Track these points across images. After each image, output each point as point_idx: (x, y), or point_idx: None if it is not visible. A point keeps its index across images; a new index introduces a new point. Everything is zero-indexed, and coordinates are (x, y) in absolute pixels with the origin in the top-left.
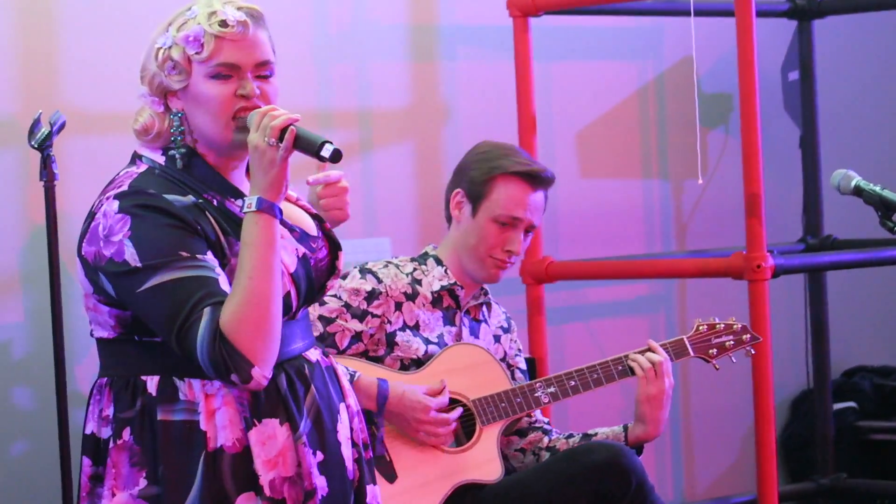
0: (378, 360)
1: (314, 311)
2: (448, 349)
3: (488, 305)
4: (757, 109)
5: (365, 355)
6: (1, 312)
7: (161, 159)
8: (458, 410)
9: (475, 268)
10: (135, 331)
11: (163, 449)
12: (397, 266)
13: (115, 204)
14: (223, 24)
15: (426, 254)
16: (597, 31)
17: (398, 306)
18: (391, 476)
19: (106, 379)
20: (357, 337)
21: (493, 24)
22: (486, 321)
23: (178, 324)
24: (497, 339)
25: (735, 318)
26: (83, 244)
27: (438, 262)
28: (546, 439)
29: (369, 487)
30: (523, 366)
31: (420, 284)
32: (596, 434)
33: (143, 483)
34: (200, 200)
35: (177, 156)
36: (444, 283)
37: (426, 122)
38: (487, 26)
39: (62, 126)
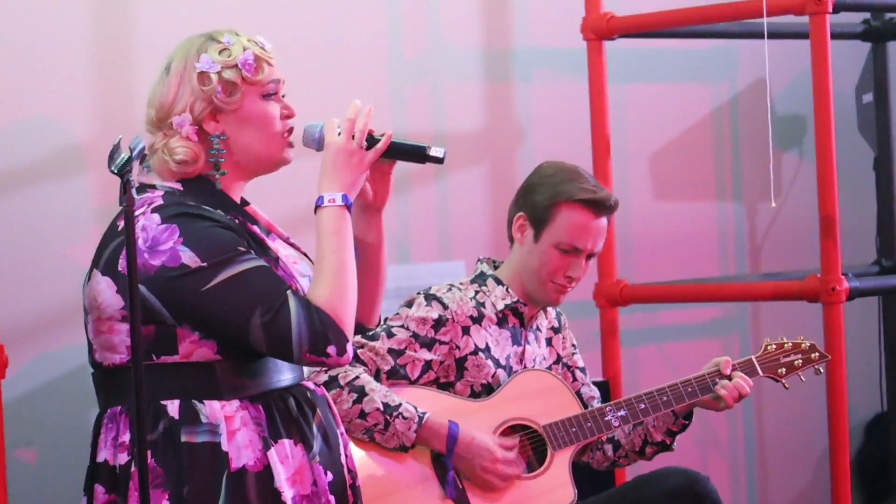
0: (449, 385)
1: (383, 343)
2: (517, 376)
3: (544, 310)
4: (832, 131)
5: (436, 382)
6: (80, 334)
7: (176, 185)
8: (522, 465)
9: (536, 289)
10: (153, 350)
11: (188, 470)
12: (460, 289)
13: (156, 217)
14: (264, 48)
15: (483, 274)
16: (671, 53)
17: (465, 330)
18: (464, 502)
19: (119, 407)
20: (428, 365)
21: (568, 46)
22: (539, 328)
23: (265, 308)
24: (549, 341)
25: (804, 337)
26: (119, 260)
27: (498, 281)
28: None
29: None
30: (581, 363)
31: (484, 306)
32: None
33: None
34: (227, 217)
35: (217, 176)
36: (508, 301)
37: (501, 145)
38: (562, 49)
39: (142, 151)
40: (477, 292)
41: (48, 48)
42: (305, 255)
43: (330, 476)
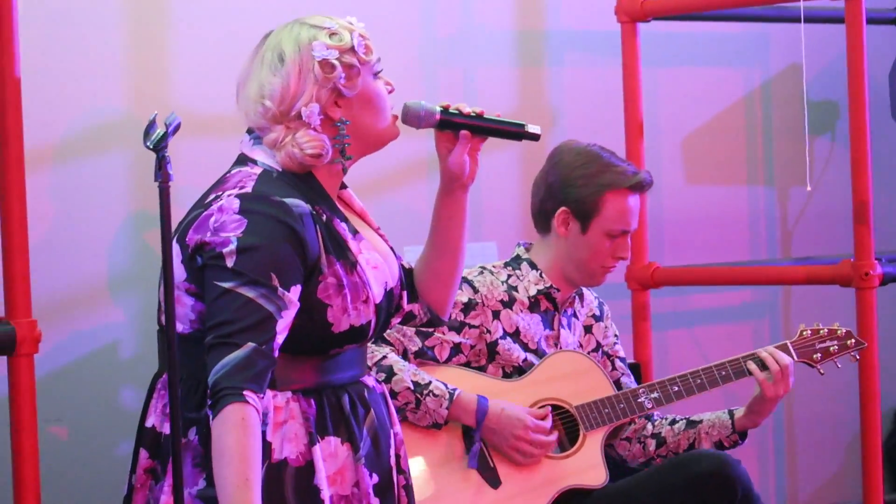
0: (481, 369)
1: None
2: (550, 356)
3: (580, 296)
4: (866, 117)
5: (467, 366)
6: (112, 312)
7: (278, 167)
8: (555, 434)
9: (584, 277)
10: None
11: None
12: (492, 272)
13: (237, 203)
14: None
15: (518, 257)
16: (704, 36)
17: (496, 315)
18: (495, 482)
19: (181, 377)
20: (457, 348)
21: (601, 28)
22: (576, 315)
23: (218, 334)
24: (588, 329)
25: (839, 324)
26: (189, 231)
27: (532, 265)
28: (650, 426)
29: None
30: (622, 353)
31: (517, 290)
32: (701, 421)
33: (202, 484)
34: (313, 210)
35: (344, 163)
36: (541, 286)
37: None
38: (595, 31)
39: (177, 127)
40: (510, 276)
41: (84, 24)
42: (392, 248)
43: (375, 478)
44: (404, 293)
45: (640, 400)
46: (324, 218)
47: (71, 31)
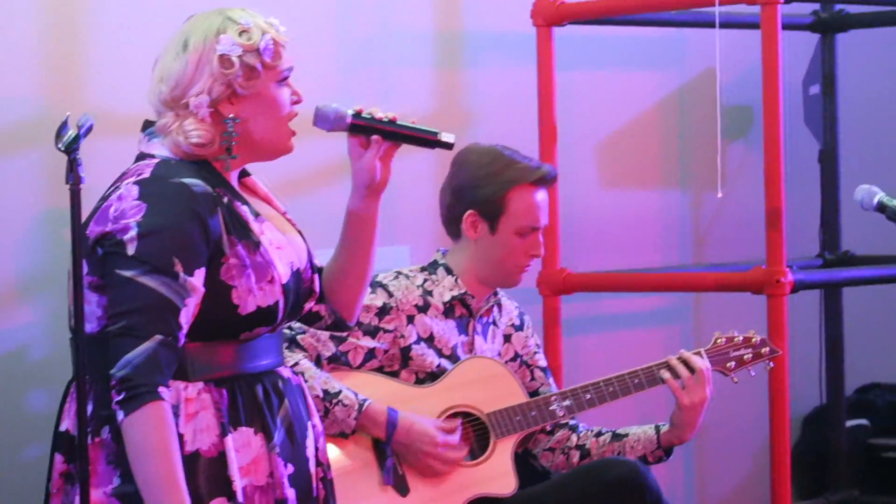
0: (394, 374)
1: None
2: (462, 362)
3: (499, 305)
4: (780, 122)
5: (380, 370)
6: (21, 314)
7: (175, 157)
8: (465, 449)
9: (500, 279)
10: None
11: None
12: (408, 277)
13: (136, 189)
14: (278, 31)
15: (436, 262)
16: (620, 40)
17: (410, 319)
18: (404, 489)
19: (87, 377)
20: (371, 353)
21: (517, 31)
22: (495, 322)
23: (122, 324)
24: (507, 338)
25: (755, 332)
26: (90, 224)
27: (448, 271)
28: (574, 437)
29: None
30: (543, 363)
31: (431, 295)
32: (627, 434)
33: (116, 481)
34: (214, 192)
35: (228, 161)
36: (455, 292)
37: (448, 129)
38: (511, 34)
39: (90, 129)
40: (426, 280)
41: None
42: (300, 232)
43: (291, 468)
44: (315, 277)
45: (552, 408)
46: (224, 200)
47: None
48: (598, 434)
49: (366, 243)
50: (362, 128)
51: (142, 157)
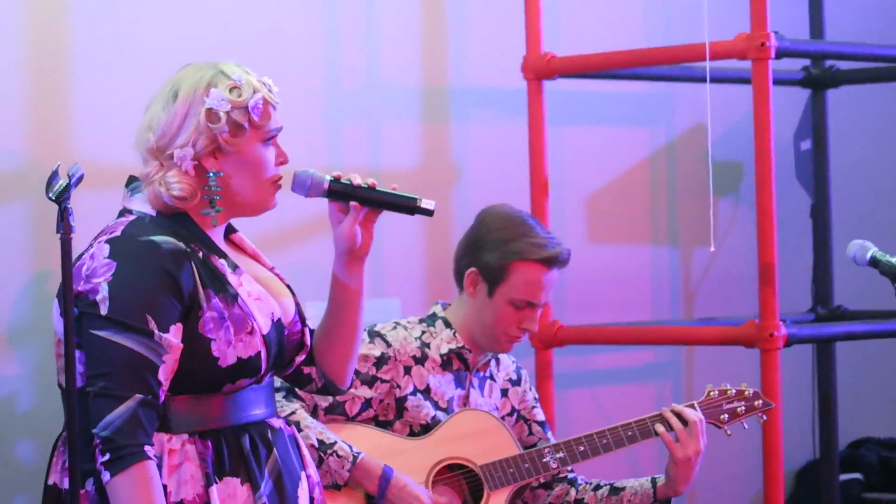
0: (388, 424)
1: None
2: (455, 415)
3: (497, 360)
4: (772, 177)
5: (375, 420)
6: (9, 363)
7: (152, 212)
8: None
9: (488, 342)
10: None
11: None
12: (405, 328)
13: (107, 248)
14: (271, 91)
15: (434, 315)
16: (610, 95)
17: (407, 370)
18: None
19: (78, 431)
20: (367, 404)
21: (507, 86)
22: (492, 377)
23: (100, 385)
24: (504, 392)
25: (747, 385)
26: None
27: (447, 324)
28: (573, 491)
29: None
30: (541, 417)
31: (429, 347)
32: (624, 488)
33: None
34: (188, 249)
35: (213, 214)
36: (453, 346)
37: (437, 184)
38: (500, 88)
39: (80, 178)
40: (423, 332)
41: None
42: (289, 287)
43: None
44: (306, 330)
45: (545, 460)
46: (200, 255)
47: None
48: (597, 487)
49: (352, 307)
50: (340, 194)
51: (123, 212)
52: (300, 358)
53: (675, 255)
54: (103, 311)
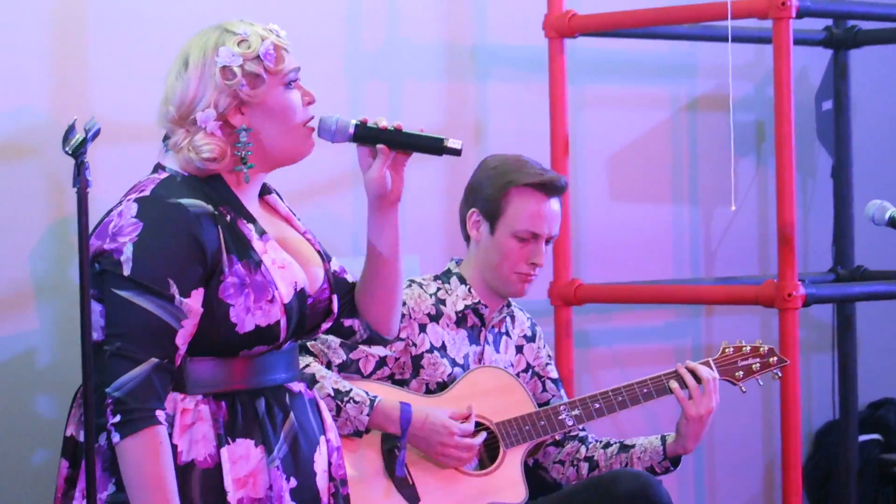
0: (404, 383)
1: (334, 337)
2: (471, 372)
3: (512, 316)
4: (792, 138)
5: (391, 379)
6: (29, 319)
7: (182, 171)
8: (482, 435)
9: (501, 285)
10: None
11: None
12: (421, 286)
13: (135, 208)
14: (279, 36)
15: (449, 271)
16: (632, 54)
17: (422, 328)
18: (414, 498)
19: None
20: (382, 362)
21: (529, 44)
22: (508, 333)
23: (117, 345)
24: (520, 349)
25: (762, 341)
26: (92, 237)
27: (462, 280)
28: (584, 449)
29: None
30: (555, 374)
31: (444, 304)
32: (634, 445)
33: (111, 488)
34: (216, 211)
35: (245, 171)
36: (469, 302)
37: (459, 141)
38: (523, 46)
39: (97, 133)
40: (439, 289)
41: (4, 28)
42: (321, 252)
43: (294, 482)
44: (334, 297)
45: (561, 417)
46: (227, 218)
47: None
48: (607, 445)
49: (389, 255)
50: (366, 137)
51: (156, 167)
52: (326, 325)
53: (696, 215)
54: (126, 271)
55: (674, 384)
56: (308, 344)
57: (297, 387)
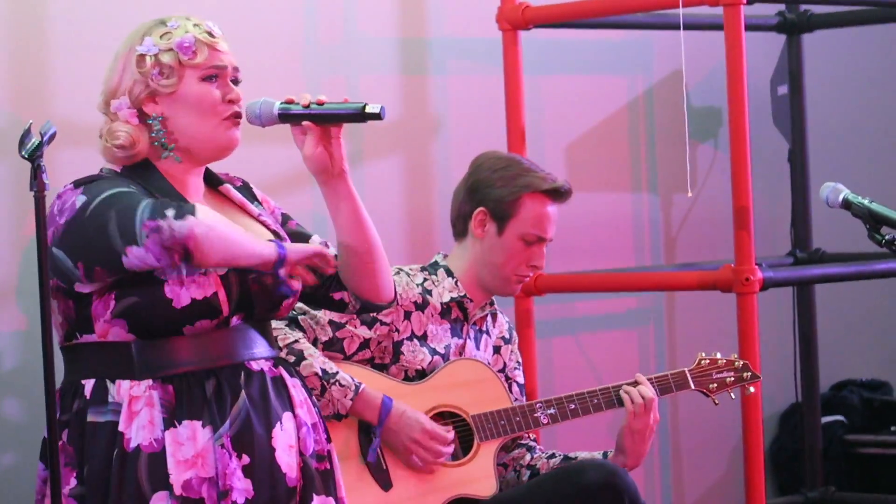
0: (383, 367)
1: (325, 314)
2: (451, 363)
3: (493, 316)
4: (746, 123)
5: (371, 362)
6: None
7: (116, 168)
8: (451, 447)
9: (498, 283)
10: (76, 328)
11: (87, 450)
12: (408, 274)
13: (71, 185)
14: (210, 33)
15: (436, 263)
16: (586, 44)
17: (407, 315)
18: (386, 484)
19: (60, 385)
20: (365, 344)
21: (484, 37)
22: (488, 332)
23: (117, 208)
24: (497, 349)
25: (737, 355)
26: (49, 234)
27: (449, 272)
28: (529, 457)
29: (318, 498)
30: (521, 380)
31: (430, 295)
32: (576, 458)
33: (73, 482)
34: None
35: (171, 154)
36: (455, 294)
37: (416, 135)
38: (477, 39)
39: (52, 136)
40: (426, 279)
41: None
42: (277, 234)
43: (246, 459)
44: (293, 282)
45: (536, 415)
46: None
47: None
48: (551, 456)
49: (354, 226)
50: (292, 117)
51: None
52: (289, 303)
53: (656, 202)
54: (84, 203)
55: (624, 395)
56: (299, 318)
57: (258, 365)
